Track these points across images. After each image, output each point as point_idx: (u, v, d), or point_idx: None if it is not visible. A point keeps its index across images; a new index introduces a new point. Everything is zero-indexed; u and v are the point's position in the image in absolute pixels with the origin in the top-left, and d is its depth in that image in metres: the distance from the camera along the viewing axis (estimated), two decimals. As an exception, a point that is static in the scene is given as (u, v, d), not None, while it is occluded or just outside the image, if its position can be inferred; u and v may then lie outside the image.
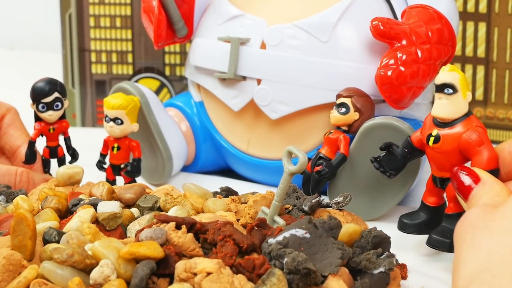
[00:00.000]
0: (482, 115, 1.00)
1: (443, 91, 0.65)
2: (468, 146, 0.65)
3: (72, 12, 1.04)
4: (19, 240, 0.61)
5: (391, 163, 0.71)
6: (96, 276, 0.57)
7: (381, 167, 0.71)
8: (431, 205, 0.70)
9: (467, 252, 0.54)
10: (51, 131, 0.81)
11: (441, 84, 0.65)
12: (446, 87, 0.65)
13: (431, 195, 0.70)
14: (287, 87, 0.81)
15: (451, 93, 0.65)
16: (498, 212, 0.55)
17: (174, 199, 0.70)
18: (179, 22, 0.88)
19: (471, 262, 0.53)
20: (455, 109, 0.65)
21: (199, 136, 0.89)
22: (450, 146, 0.66)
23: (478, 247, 0.53)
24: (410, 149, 0.70)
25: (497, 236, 0.53)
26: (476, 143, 0.65)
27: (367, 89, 0.79)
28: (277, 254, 0.58)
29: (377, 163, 0.72)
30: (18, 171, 0.80)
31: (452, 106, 0.65)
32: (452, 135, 0.66)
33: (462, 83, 0.65)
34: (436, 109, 0.66)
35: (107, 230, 0.67)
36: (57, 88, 0.79)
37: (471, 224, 0.56)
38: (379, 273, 0.61)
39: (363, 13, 0.81)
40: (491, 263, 0.51)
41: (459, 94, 0.65)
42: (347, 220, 0.69)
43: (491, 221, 0.55)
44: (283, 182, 0.65)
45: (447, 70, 0.65)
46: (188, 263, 0.57)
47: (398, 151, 0.71)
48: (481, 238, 0.54)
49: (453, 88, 0.65)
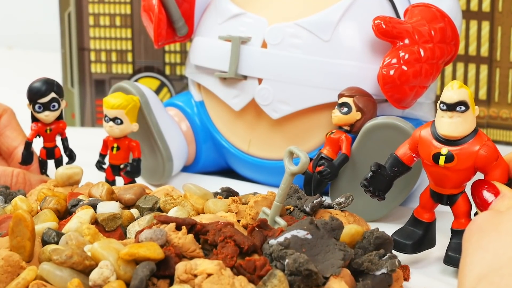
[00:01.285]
0: (486, 114, 1.00)
1: (455, 109, 0.64)
2: (486, 162, 0.65)
3: (71, 11, 1.04)
4: (17, 241, 0.61)
5: (380, 183, 0.69)
6: (95, 277, 0.57)
7: (372, 189, 0.69)
8: (426, 221, 0.69)
9: (473, 254, 0.54)
10: (48, 132, 0.81)
11: (455, 103, 0.64)
12: (459, 105, 0.64)
13: (426, 211, 0.69)
14: (288, 86, 0.81)
15: (463, 111, 0.64)
16: (505, 215, 0.56)
17: (174, 199, 0.70)
18: (179, 21, 0.88)
19: (478, 263, 0.53)
20: (468, 126, 0.64)
21: (200, 136, 0.89)
22: (466, 164, 0.65)
23: (485, 248, 0.54)
24: (400, 167, 0.69)
25: (504, 237, 0.54)
26: (493, 158, 0.65)
27: (369, 88, 0.79)
28: (278, 255, 0.58)
29: (370, 187, 0.69)
30: (14, 172, 0.80)
31: (465, 123, 0.64)
32: (467, 153, 0.65)
33: (471, 99, 0.64)
34: (449, 128, 0.64)
35: (106, 231, 0.67)
36: (54, 88, 0.79)
37: (478, 227, 0.56)
38: (381, 275, 0.61)
39: (365, 12, 0.81)
40: (498, 264, 0.52)
41: (470, 110, 0.64)
42: (349, 221, 0.69)
43: (498, 223, 0.55)
44: (284, 182, 0.65)
45: (456, 88, 0.64)
46: (189, 264, 0.57)
47: (386, 171, 0.69)
48: (488, 240, 0.54)
49: (465, 105, 0.64)
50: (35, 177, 0.81)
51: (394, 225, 0.75)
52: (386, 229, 0.68)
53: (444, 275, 0.68)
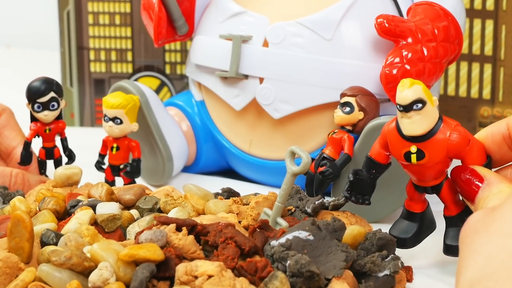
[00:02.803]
0: (490, 114, 1.00)
1: (412, 109, 0.62)
2: (458, 149, 0.63)
3: (70, 9, 1.04)
4: (16, 242, 0.61)
5: (362, 188, 0.68)
6: (95, 279, 0.57)
7: (354, 198, 0.69)
8: (419, 212, 0.68)
9: (467, 257, 0.53)
10: (47, 132, 0.81)
11: (409, 103, 0.62)
12: (415, 103, 0.62)
13: (415, 202, 0.68)
14: (290, 86, 0.81)
15: (421, 108, 0.62)
16: (497, 213, 0.54)
17: (175, 200, 0.70)
18: (179, 20, 0.88)
19: (471, 267, 0.52)
20: (430, 120, 0.63)
21: (200, 136, 0.89)
22: (439, 157, 0.63)
23: (477, 251, 0.53)
24: (377, 168, 0.68)
25: (496, 239, 0.52)
26: (464, 143, 0.63)
27: (372, 88, 0.79)
28: (279, 257, 0.58)
29: (353, 197, 0.69)
30: (13, 173, 0.80)
31: (426, 119, 0.62)
32: (437, 145, 0.63)
33: (426, 92, 0.62)
34: (411, 127, 0.63)
35: (106, 232, 0.66)
36: (53, 87, 0.79)
37: (471, 228, 0.55)
38: (384, 276, 0.61)
39: (367, 10, 0.81)
40: (491, 268, 0.51)
41: (428, 104, 0.62)
42: (351, 222, 0.69)
43: (489, 223, 0.54)
44: (286, 183, 0.65)
45: (408, 87, 0.62)
46: (189, 266, 0.57)
47: (365, 175, 0.68)
48: (480, 242, 0.53)
49: (421, 102, 0.62)
50: (34, 178, 0.81)
51: (397, 226, 0.76)
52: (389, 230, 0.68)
53: (447, 276, 0.68)
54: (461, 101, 1.00)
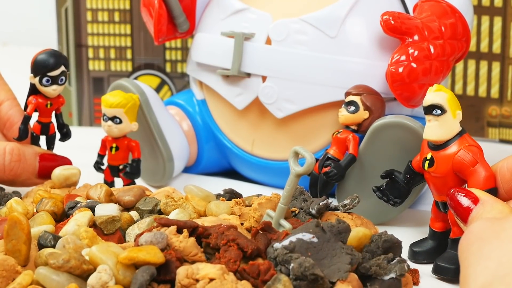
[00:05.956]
0: (498, 113, 1.00)
1: (431, 113, 0.65)
2: (462, 167, 0.65)
3: (68, 6, 1.04)
4: (13, 245, 0.61)
5: (395, 190, 0.71)
6: (93, 282, 0.57)
7: (384, 196, 0.71)
8: (438, 231, 0.70)
9: (476, 264, 0.54)
10: (48, 107, 0.80)
11: (428, 106, 0.65)
12: (434, 108, 0.65)
13: (437, 220, 0.70)
14: (293, 84, 0.81)
15: (439, 114, 0.65)
16: (507, 221, 0.56)
17: (175, 201, 0.70)
18: (180, 17, 0.87)
19: (481, 273, 0.53)
20: (446, 130, 0.65)
21: (202, 135, 0.89)
22: (444, 169, 0.66)
23: (488, 257, 0.54)
24: (412, 174, 0.70)
25: (507, 245, 0.54)
26: (470, 163, 0.65)
27: (377, 86, 0.79)
28: (283, 259, 0.58)
29: (379, 192, 0.71)
30: (7, 148, 0.76)
31: (442, 127, 0.65)
32: (445, 157, 0.65)
33: (451, 102, 0.65)
34: (426, 131, 0.66)
35: (105, 234, 0.67)
36: (63, 61, 0.78)
37: (477, 236, 0.56)
38: (390, 279, 0.61)
39: (373, 7, 0.81)
40: (502, 272, 0.52)
41: (448, 114, 0.65)
42: (357, 224, 0.69)
43: (499, 231, 0.55)
44: (289, 184, 0.66)
45: (433, 91, 0.65)
46: (190, 269, 0.57)
47: (400, 178, 0.70)
48: (490, 248, 0.54)
49: (441, 109, 0.65)
50: (29, 150, 0.78)
51: (403, 228, 0.76)
52: (395, 232, 0.69)
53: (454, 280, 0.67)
54: (468, 100, 1.00)
